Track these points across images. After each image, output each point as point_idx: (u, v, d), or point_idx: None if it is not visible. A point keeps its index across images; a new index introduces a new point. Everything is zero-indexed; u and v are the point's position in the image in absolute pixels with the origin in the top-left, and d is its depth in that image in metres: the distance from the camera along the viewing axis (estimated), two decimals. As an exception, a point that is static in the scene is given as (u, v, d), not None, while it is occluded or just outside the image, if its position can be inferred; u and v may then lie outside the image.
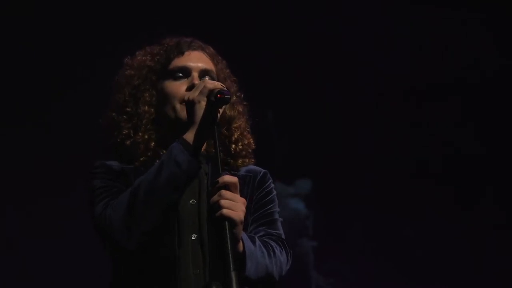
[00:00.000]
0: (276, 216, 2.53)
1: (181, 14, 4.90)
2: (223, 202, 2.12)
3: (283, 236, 2.50)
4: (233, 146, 2.50)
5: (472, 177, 5.55)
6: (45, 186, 4.64)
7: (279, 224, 2.52)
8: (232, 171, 2.47)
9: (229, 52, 2.66)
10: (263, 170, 2.57)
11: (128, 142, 2.41)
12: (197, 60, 2.50)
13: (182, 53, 2.51)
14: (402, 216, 5.51)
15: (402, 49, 5.51)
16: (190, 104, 2.28)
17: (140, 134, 2.41)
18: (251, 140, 2.55)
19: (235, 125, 2.52)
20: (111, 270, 2.38)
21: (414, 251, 5.51)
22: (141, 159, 2.39)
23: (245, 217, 2.19)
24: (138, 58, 2.55)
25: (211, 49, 2.58)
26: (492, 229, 5.47)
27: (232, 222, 2.11)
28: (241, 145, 2.51)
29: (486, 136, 5.59)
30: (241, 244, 2.25)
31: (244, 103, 2.61)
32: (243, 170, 2.51)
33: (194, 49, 2.53)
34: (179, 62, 2.49)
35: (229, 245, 2.05)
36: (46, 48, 4.77)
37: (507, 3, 5.53)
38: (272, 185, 2.57)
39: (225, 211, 2.11)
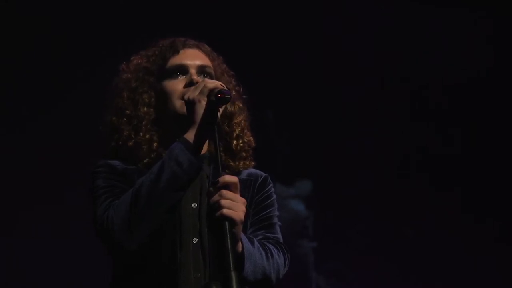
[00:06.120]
0: (275, 220, 2.52)
1: (181, 14, 4.90)
2: (223, 202, 2.11)
3: (281, 240, 2.48)
4: (234, 142, 2.49)
5: (472, 177, 5.55)
6: (45, 186, 4.64)
7: (277, 228, 2.51)
8: (233, 174, 2.45)
9: (229, 51, 2.65)
10: (264, 174, 2.56)
11: (130, 143, 2.40)
12: (193, 57, 2.49)
13: (177, 52, 2.49)
14: (402, 216, 5.50)
15: (402, 49, 5.50)
16: (190, 104, 2.27)
17: (141, 134, 2.40)
18: (251, 138, 2.54)
19: (235, 121, 2.51)
20: (112, 271, 2.37)
21: (414, 251, 5.50)
22: (145, 161, 2.38)
23: (244, 220, 2.18)
24: (134, 62, 2.54)
25: (206, 46, 2.57)
26: (492, 229, 5.47)
27: (232, 222, 2.10)
28: (242, 142, 2.50)
29: (487, 136, 5.58)
30: (240, 244, 2.24)
31: (244, 96, 2.59)
32: (244, 174, 2.49)
33: (189, 47, 2.52)
34: (175, 60, 2.48)
35: (229, 245, 2.05)
36: (46, 48, 4.77)
37: (507, 3, 5.54)
38: (272, 189, 2.56)
39: (225, 210, 2.10)
